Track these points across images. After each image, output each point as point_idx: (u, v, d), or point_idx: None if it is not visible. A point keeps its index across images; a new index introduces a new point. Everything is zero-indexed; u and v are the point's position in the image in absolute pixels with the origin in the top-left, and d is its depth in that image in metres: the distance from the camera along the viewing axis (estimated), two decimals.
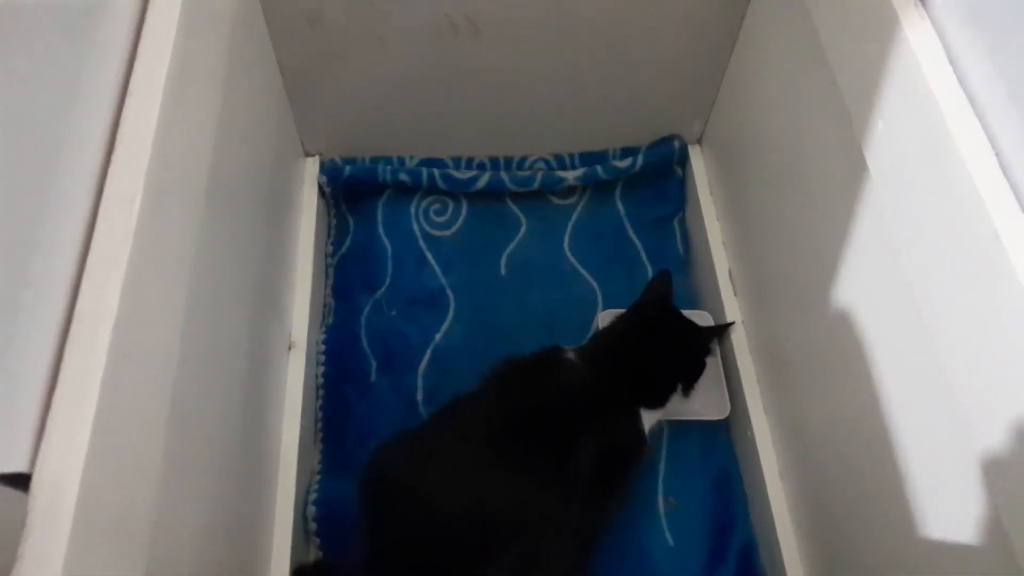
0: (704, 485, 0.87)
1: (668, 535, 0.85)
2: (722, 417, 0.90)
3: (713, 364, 0.91)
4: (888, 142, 0.58)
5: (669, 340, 0.83)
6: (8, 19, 0.42)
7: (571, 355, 0.81)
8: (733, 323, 0.91)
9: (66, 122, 0.45)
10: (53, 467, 0.35)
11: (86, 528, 0.37)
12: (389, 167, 1.01)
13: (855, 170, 0.63)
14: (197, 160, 0.59)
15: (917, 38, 0.55)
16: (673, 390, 0.81)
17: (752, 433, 0.86)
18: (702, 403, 0.89)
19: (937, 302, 0.53)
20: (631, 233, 1.04)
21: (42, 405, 0.37)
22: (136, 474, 0.43)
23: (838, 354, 0.71)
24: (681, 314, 0.87)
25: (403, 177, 1.00)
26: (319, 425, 0.89)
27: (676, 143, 1.03)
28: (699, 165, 1.04)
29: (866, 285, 0.66)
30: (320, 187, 0.99)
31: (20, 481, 0.36)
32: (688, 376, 0.83)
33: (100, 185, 0.45)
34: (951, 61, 0.53)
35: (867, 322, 0.66)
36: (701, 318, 0.95)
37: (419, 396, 0.91)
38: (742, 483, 0.88)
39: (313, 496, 0.82)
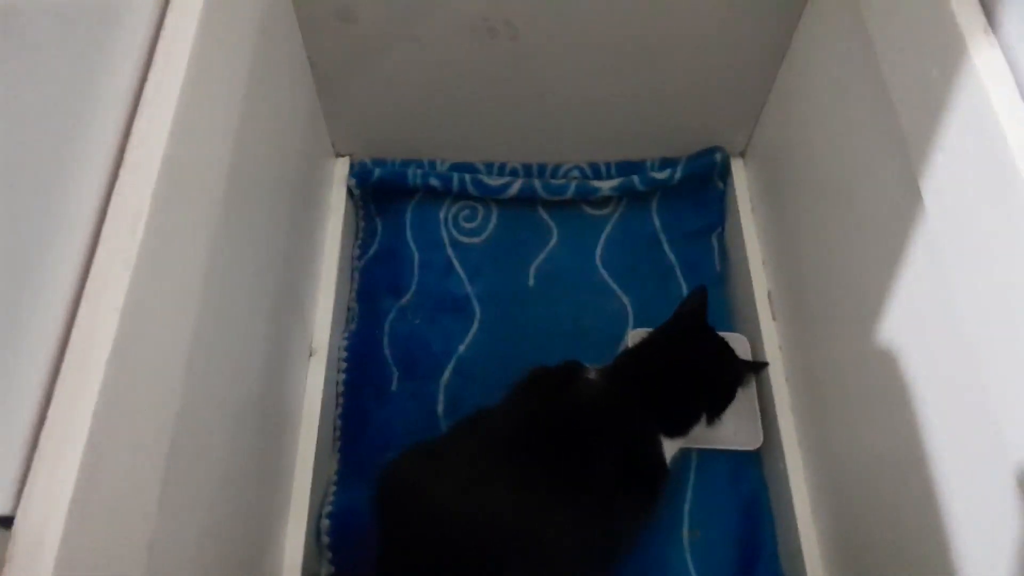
0: (731, 516, 0.84)
1: (691, 568, 0.81)
2: (754, 447, 0.86)
3: (747, 391, 0.87)
4: (947, 176, 0.54)
5: (699, 365, 0.79)
6: (14, 20, 0.40)
7: (592, 374, 0.78)
8: (767, 363, 0.86)
9: (74, 132, 0.43)
10: (37, 509, 0.34)
11: (70, 570, 0.35)
12: (420, 170, 0.98)
13: (909, 198, 0.58)
14: (215, 166, 0.57)
15: (985, 65, 0.50)
16: (697, 420, 0.78)
17: (784, 465, 0.82)
18: (733, 431, 0.85)
19: (993, 347, 0.49)
20: (666, 247, 1.00)
21: (29, 445, 0.35)
22: (128, 511, 0.41)
23: (880, 388, 0.67)
24: (718, 337, 0.83)
25: (433, 182, 0.98)
26: (337, 434, 0.87)
27: (718, 155, 0.99)
28: (741, 179, 1.00)
29: (914, 318, 0.62)
30: (349, 189, 0.97)
31: (4, 522, 0.34)
32: (715, 406, 0.79)
33: (106, 202, 0.43)
34: (1023, 93, 0.49)
35: (913, 357, 0.62)
36: (737, 341, 0.91)
37: (440, 407, 0.89)
38: (772, 517, 0.84)
39: (328, 509, 0.80)
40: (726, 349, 0.83)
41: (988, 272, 0.50)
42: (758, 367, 0.86)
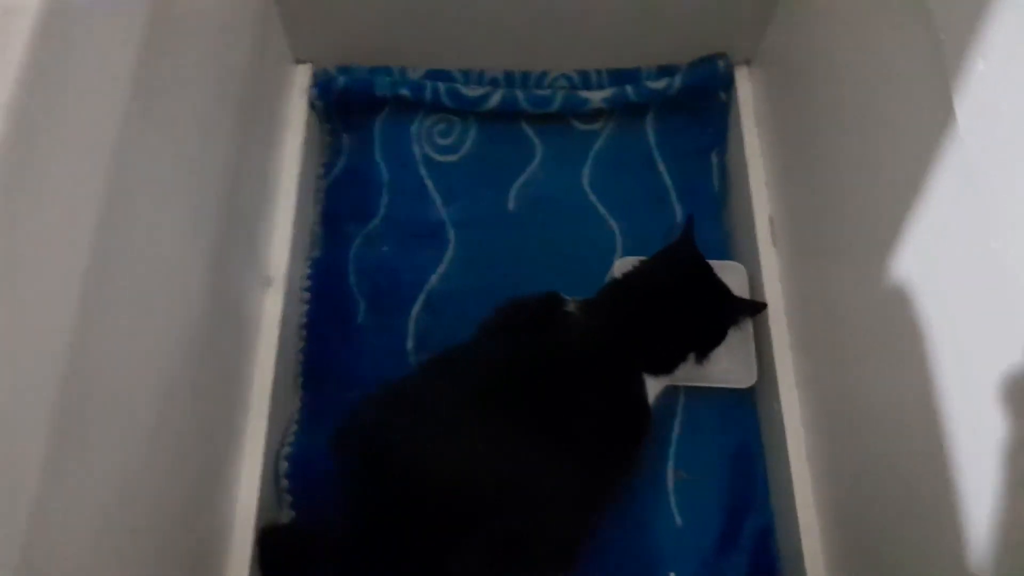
0: (720, 460, 0.79)
1: (676, 513, 0.76)
2: (747, 386, 0.79)
3: (742, 326, 0.80)
4: (988, 89, 0.45)
5: (688, 301, 0.72)
6: None
7: (571, 307, 0.72)
8: (766, 305, 0.79)
9: None
10: None
11: None
12: (389, 79, 0.89)
13: (940, 114, 0.50)
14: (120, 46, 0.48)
15: None
16: (683, 359, 0.71)
17: (779, 406, 0.76)
18: (726, 368, 0.79)
19: None
20: (661, 167, 0.91)
21: None
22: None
23: (892, 326, 0.60)
24: (710, 271, 0.75)
25: (404, 92, 0.88)
26: (299, 370, 0.81)
27: (721, 63, 0.89)
28: (746, 91, 0.90)
29: (935, 252, 0.54)
30: (310, 100, 0.88)
31: None
32: (704, 345, 0.72)
33: None
34: None
35: (930, 294, 0.55)
36: (733, 270, 0.83)
37: (410, 343, 0.82)
38: (763, 461, 0.79)
39: (287, 451, 0.75)
40: (719, 284, 0.75)
41: None
42: (755, 308, 0.78)
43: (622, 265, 0.83)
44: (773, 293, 0.80)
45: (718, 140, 0.92)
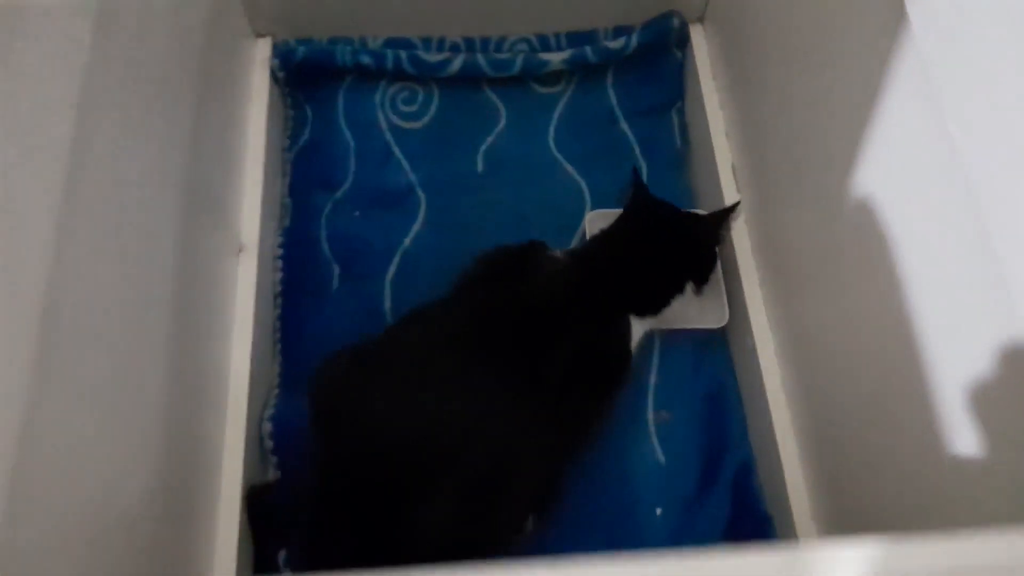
0: (697, 399, 0.80)
1: (659, 451, 0.78)
2: (720, 325, 0.81)
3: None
4: None
5: (674, 232, 0.74)
6: None
7: (557, 253, 0.73)
8: (739, 202, 0.81)
9: None
10: None
11: None
12: (349, 48, 0.89)
13: (891, 22, 0.52)
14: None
15: None
16: (680, 291, 0.73)
17: (753, 342, 0.78)
18: (697, 310, 0.81)
19: (998, 188, 0.44)
20: (623, 125, 0.93)
21: None
22: None
23: (857, 253, 0.62)
24: (678, 209, 0.78)
25: (365, 60, 0.89)
26: (277, 336, 0.80)
27: (675, 21, 0.91)
28: (701, 46, 0.92)
29: (896, 168, 0.56)
30: (273, 72, 0.88)
31: None
32: (701, 269, 0.75)
33: None
34: None
35: (892, 215, 0.57)
36: None
37: (387, 305, 0.82)
38: (739, 398, 0.81)
39: (269, 412, 0.75)
40: (692, 214, 0.78)
41: (991, 102, 0.44)
42: (730, 211, 0.79)
43: (593, 217, 0.84)
44: (740, 235, 0.83)
45: (677, 97, 0.94)
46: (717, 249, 0.80)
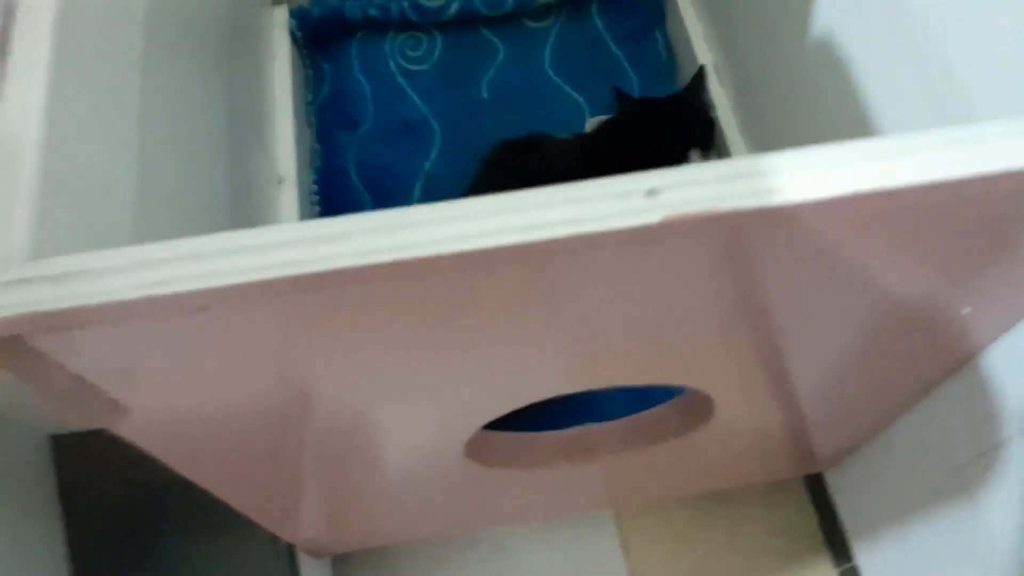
0: None
1: None
2: None
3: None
4: None
5: (662, 111, 0.82)
6: None
7: (566, 137, 0.81)
8: (703, 66, 0.89)
9: None
10: None
11: None
12: (357, 3, 0.99)
13: None
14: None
15: None
16: (683, 160, 0.81)
17: None
18: None
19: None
20: (612, 46, 1.01)
21: None
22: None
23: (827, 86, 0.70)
24: (660, 96, 0.87)
25: (372, 12, 0.98)
26: None
27: None
28: None
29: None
30: (292, 33, 0.97)
31: None
32: (700, 138, 0.83)
33: None
34: None
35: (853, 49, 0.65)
36: None
37: None
38: None
39: None
40: (673, 95, 0.88)
41: None
42: (697, 77, 0.88)
43: (593, 122, 0.93)
44: (728, 123, 0.91)
45: (658, 17, 1.03)
46: (713, 116, 0.88)
